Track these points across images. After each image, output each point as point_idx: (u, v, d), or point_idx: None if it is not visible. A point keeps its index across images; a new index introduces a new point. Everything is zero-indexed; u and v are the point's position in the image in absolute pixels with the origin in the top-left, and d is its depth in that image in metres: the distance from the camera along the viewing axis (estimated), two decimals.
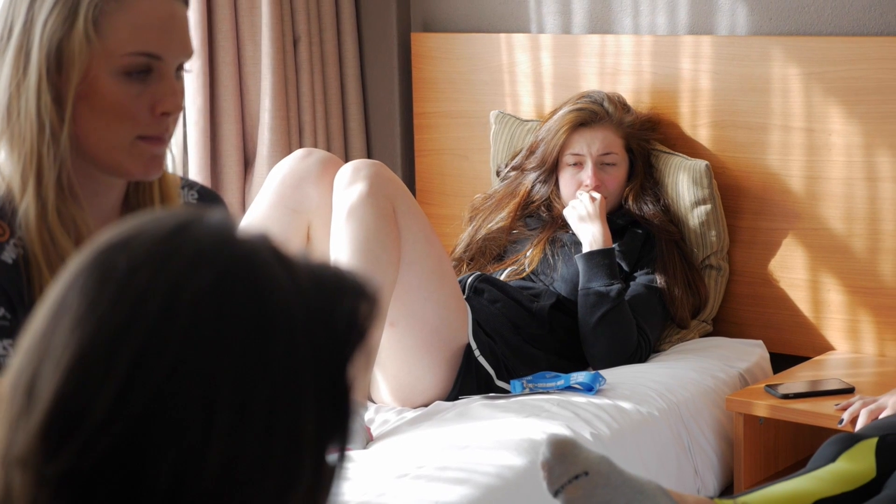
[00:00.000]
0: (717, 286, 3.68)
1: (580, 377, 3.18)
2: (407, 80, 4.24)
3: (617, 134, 3.63)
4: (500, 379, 3.26)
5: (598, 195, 3.55)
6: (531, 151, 3.72)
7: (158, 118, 1.77)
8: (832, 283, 3.57)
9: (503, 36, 4.02)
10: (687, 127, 3.73)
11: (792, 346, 3.66)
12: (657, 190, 3.66)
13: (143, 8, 1.74)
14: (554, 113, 3.70)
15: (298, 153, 3.32)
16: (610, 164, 3.62)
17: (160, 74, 1.76)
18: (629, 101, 3.72)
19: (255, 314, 0.89)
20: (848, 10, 3.53)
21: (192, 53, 1.80)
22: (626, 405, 3.09)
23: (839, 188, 3.52)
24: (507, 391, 3.24)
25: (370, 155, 4.24)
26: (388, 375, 3.24)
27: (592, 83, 3.84)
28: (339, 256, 3.08)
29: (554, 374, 3.23)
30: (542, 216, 3.68)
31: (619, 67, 3.82)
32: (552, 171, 3.67)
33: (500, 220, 3.71)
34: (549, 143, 3.64)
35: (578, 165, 3.62)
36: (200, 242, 0.91)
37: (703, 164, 3.62)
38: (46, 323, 0.91)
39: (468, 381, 3.23)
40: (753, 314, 3.70)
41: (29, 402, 0.89)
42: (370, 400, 3.31)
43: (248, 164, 4.00)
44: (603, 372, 3.27)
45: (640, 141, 3.67)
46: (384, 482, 2.67)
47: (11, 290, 1.76)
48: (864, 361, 3.51)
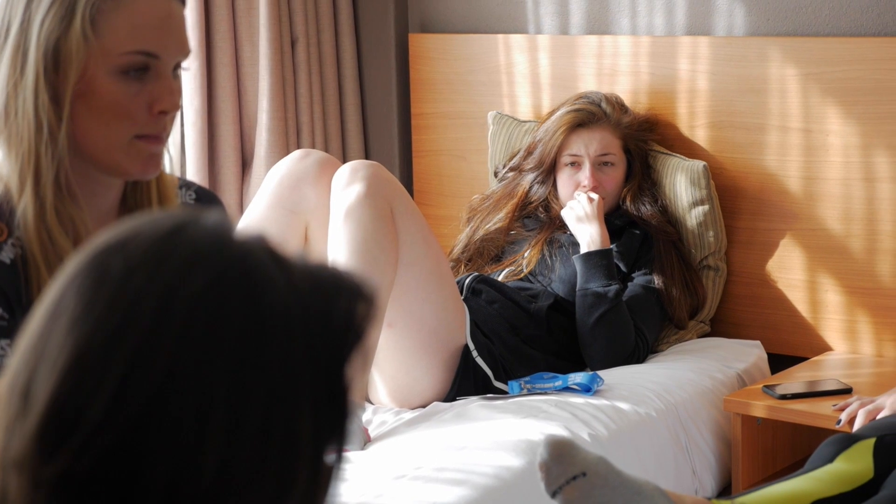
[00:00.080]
0: (714, 287, 3.68)
1: (578, 378, 3.18)
2: (405, 80, 4.24)
3: (615, 135, 3.63)
4: (497, 380, 3.26)
5: (595, 196, 3.55)
6: (529, 152, 3.72)
7: (156, 117, 1.77)
8: (830, 283, 3.57)
9: (501, 37, 4.01)
10: (685, 127, 3.73)
11: (790, 346, 3.66)
12: (655, 191, 3.66)
13: (140, 7, 1.74)
14: (552, 114, 3.70)
15: (296, 154, 3.32)
16: (608, 164, 3.62)
17: (157, 73, 1.76)
18: (627, 101, 3.72)
19: (250, 316, 0.89)
20: (845, 10, 3.53)
21: (189, 52, 1.80)
22: (623, 406, 3.09)
23: (837, 189, 3.52)
24: (504, 392, 3.23)
25: (368, 156, 4.24)
26: (385, 376, 3.24)
27: (590, 84, 3.84)
28: (336, 257, 3.08)
29: (552, 374, 3.23)
30: (539, 217, 3.68)
31: (616, 68, 3.82)
32: (550, 171, 3.67)
33: (497, 220, 3.71)
34: (546, 143, 3.64)
35: (576, 166, 3.62)
36: (196, 244, 0.91)
37: (700, 164, 3.62)
38: (43, 325, 0.91)
39: (466, 381, 3.23)
40: (751, 315, 3.70)
41: (25, 404, 0.89)
42: (368, 401, 3.31)
43: (245, 164, 4.00)
44: (601, 373, 3.27)
45: (637, 141, 3.67)
46: (382, 483, 2.67)
47: (9, 290, 1.76)
48: (861, 362, 3.50)
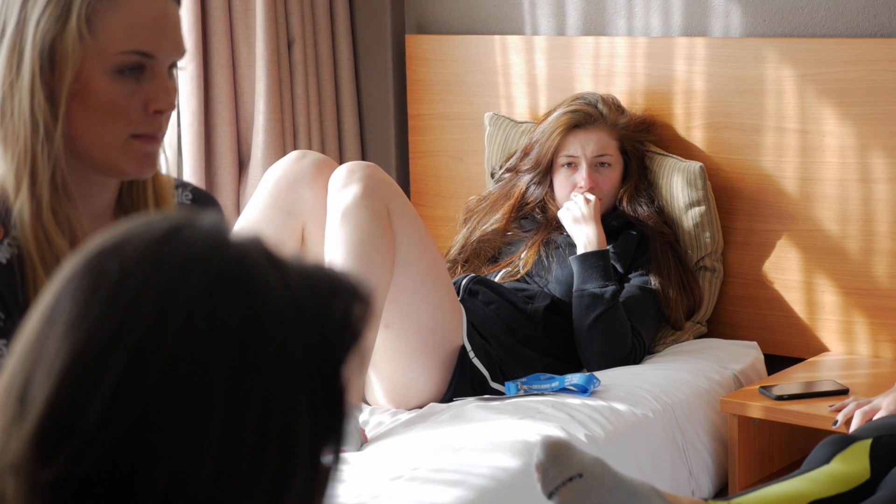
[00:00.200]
0: (711, 287, 3.68)
1: (574, 379, 3.18)
2: (401, 81, 4.23)
3: (611, 136, 3.63)
4: (494, 381, 3.26)
5: (592, 197, 3.55)
6: (525, 153, 3.72)
7: (152, 116, 1.77)
8: (826, 284, 3.57)
9: (497, 38, 4.02)
10: (681, 128, 3.74)
11: (786, 347, 3.66)
12: (651, 191, 3.66)
13: (135, 6, 1.75)
14: (548, 115, 3.70)
15: (293, 155, 3.32)
16: (604, 165, 3.62)
17: (153, 73, 1.76)
18: (623, 102, 3.72)
19: (247, 317, 0.89)
20: (842, 11, 3.54)
21: (184, 52, 1.80)
22: (620, 407, 3.09)
23: (833, 190, 3.52)
24: (501, 393, 3.24)
25: (364, 157, 4.24)
26: (382, 377, 3.23)
27: (587, 85, 3.84)
28: (333, 258, 3.08)
29: (548, 375, 3.23)
30: (536, 218, 3.68)
31: (613, 69, 3.82)
32: (546, 172, 3.67)
33: (494, 221, 3.71)
34: (543, 144, 3.64)
35: (573, 167, 3.62)
36: (192, 246, 0.91)
37: (697, 165, 3.62)
38: (39, 328, 0.90)
39: (463, 382, 3.23)
40: (748, 315, 3.70)
41: (22, 408, 0.88)
42: (365, 402, 3.30)
43: (242, 166, 3.99)
44: (597, 373, 3.27)
45: (634, 142, 3.67)
46: (379, 484, 2.67)
47: (6, 290, 1.76)
48: (858, 363, 3.51)
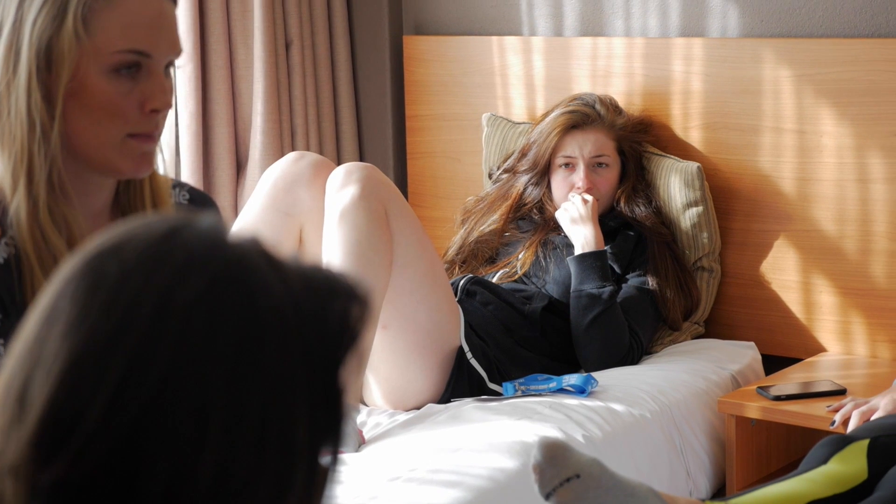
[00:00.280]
0: (708, 288, 3.68)
1: (572, 379, 3.18)
2: (399, 82, 4.24)
3: (609, 136, 3.63)
4: (492, 381, 3.26)
5: (589, 197, 3.55)
6: (523, 154, 3.72)
7: (148, 115, 1.77)
8: (824, 284, 3.57)
9: (495, 39, 4.02)
10: (678, 129, 3.74)
11: (784, 347, 3.66)
12: (649, 192, 3.66)
13: (131, 6, 1.75)
14: (546, 115, 3.70)
15: (290, 156, 3.32)
16: (602, 165, 3.62)
17: (149, 71, 1.77)
18: (621, 103, 3.72)
19: (247, 319, 0.89)
20: (839, 12, 3.54)
21: (180, 51, 1.80)
22: (618, 407, 3.09)
23: (831, 190, 3.52)
24: (499, 393, 3.24)
25: (362, 158, 4.24)
26: (380, 378, 3.24)
27: (584, 86, 3.84)
28: (331, 259, 3.08)
29: (546, 376, 3.24)
30: (534, 218, 3.68)
31: (610, 70, 3.82)
32: (544, 173, 3.67)
33: (492, 222, 3.71)
34: (541, 145, 3.64)
35: (570, 168, 3.62)
36: (191, 248, 0.91)
37: (694, 165, 3.62)
38: (37, 330, 0.90)
39: (460, 383, 3.23)
40: (745, 316, 3.71)
41: (21, 409, 0.88)
42: (362, 403, 3.31)
43: (240, 167, 3.99)
44: (595, 374, 3.27)
45: (631, 143, 3.67)
46: (376, 485, 2.67)
47: (3, 290, 1.76)
48: (855, 363, 3.51)
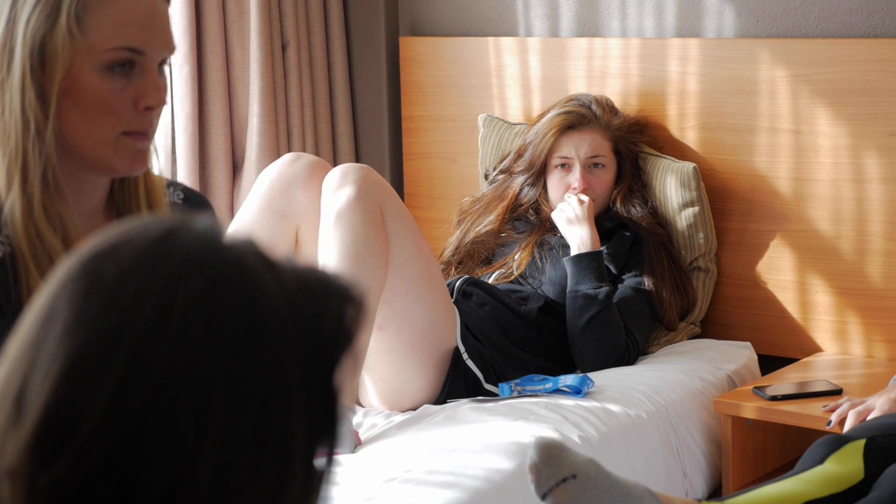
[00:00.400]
0: (704, 288, 3.68)
1: (568, 380, 3.18)
2: (395, 83, 4.24)
3: (605, 137, 3.63)
4: (488, 382, 3.26)
5: (585, 198, 3.55)
6: (519, 155, 3.72)
7: (142, 113, 1.77)
8: (820, 284, 3.57)
9: (491, 39, 4.02)
10: (674, 129, 3.74)
11: (780, 347, 3.66)
12: (645, 192, 3.66)
13: (124, 3, 1.75)
14: (542, 116, 3.70)
15: (287, 157, 3.32)
16: (598, 166, 3.62)
17: (143, 69, 1.77)
18: (617, 103, 3.72)
19: (244, 320, 0.89)
20: (834, 12, 3.54)
21: (174, 49, 1.81)
22: (614, 408, 3.09)
23: (826, 190, 3.53)
24: (495, 394, 3.24)
25: (358, 159, 4.24)
26: (376, 379, 3.23)
27: (580, 86, 3.84)
28: (327, 260, 3.08)
29: (542, 377, 3.24)
30: (530, 219, 3.68)
31: (606, 70, 3.82)
32: (540, 174, 3.67)
33: (488, 223, 3.71)
34: (537, 146, 3.64)
35: (566, 168, 3.63)
36: (188, 249, 0.91)
37: (690, 166, 3.62)
38: (35, 331, 0.90)
39: (456, 384, 3.23)
40: (741, 316, 3.71)
41: (18, 412, 0.88)
42: (358, 404, 3.30)
43: (236, 168, 3.99)
44: (591, 374, 3.27)
45: (627, 143, 3.67)
46: (372, 486, 2.67)
47: None
48: (851, 363, 3.51)
